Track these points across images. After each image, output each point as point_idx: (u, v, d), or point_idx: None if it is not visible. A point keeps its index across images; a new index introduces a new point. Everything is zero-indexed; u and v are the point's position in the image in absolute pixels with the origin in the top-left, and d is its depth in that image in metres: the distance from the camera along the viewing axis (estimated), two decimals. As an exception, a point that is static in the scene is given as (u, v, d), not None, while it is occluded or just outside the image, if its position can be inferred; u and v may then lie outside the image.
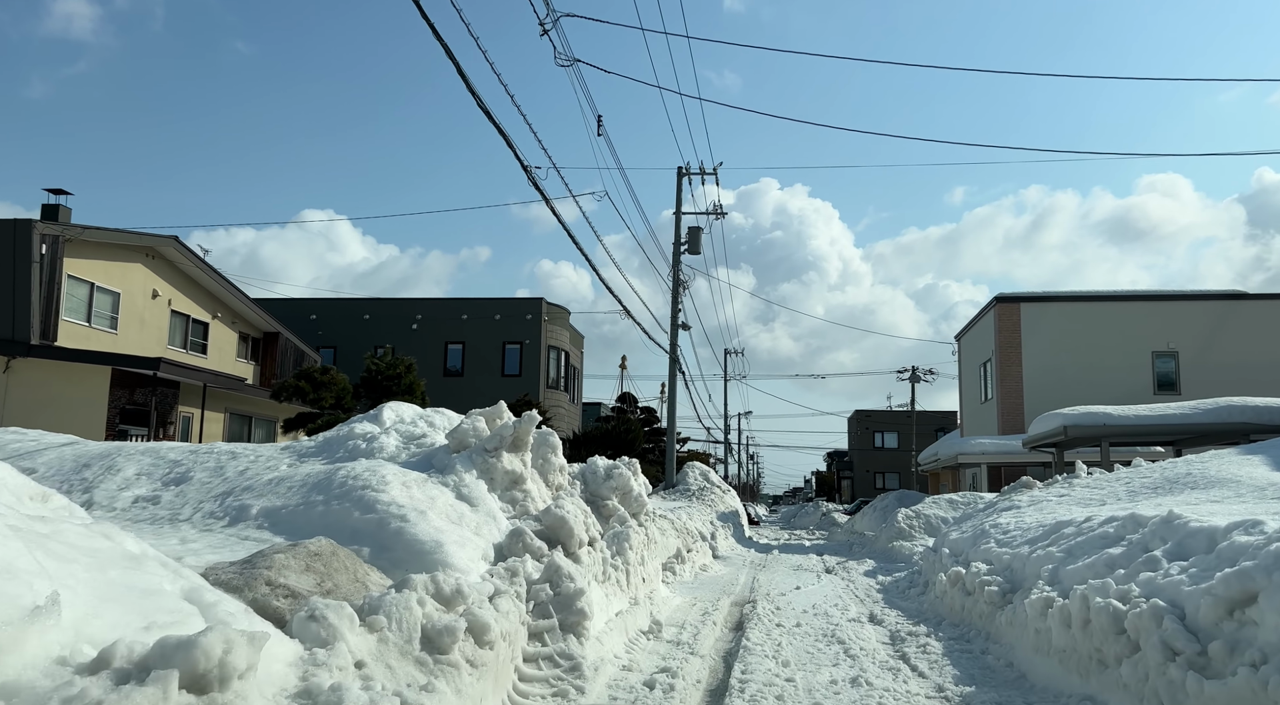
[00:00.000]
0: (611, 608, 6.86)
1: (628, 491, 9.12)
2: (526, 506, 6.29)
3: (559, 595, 5.22)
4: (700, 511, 21.26)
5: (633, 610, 7.30)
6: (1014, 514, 10.39)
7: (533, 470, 6.92)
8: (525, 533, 5.67)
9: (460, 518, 5.67)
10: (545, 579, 5.30)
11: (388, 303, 31.74)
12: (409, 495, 5.49)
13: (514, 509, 6.26)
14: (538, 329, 30.97)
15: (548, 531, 5.88)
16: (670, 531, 14.06)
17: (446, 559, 4.87)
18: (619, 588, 7.42)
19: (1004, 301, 25.63)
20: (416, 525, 5.06)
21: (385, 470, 5.75)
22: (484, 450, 6.36)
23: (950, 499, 19.58)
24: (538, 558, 5.55)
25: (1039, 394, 24.97)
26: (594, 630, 5.58)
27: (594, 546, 6.38)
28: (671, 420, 29.26)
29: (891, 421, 65.21)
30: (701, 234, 30.11)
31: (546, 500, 6.53)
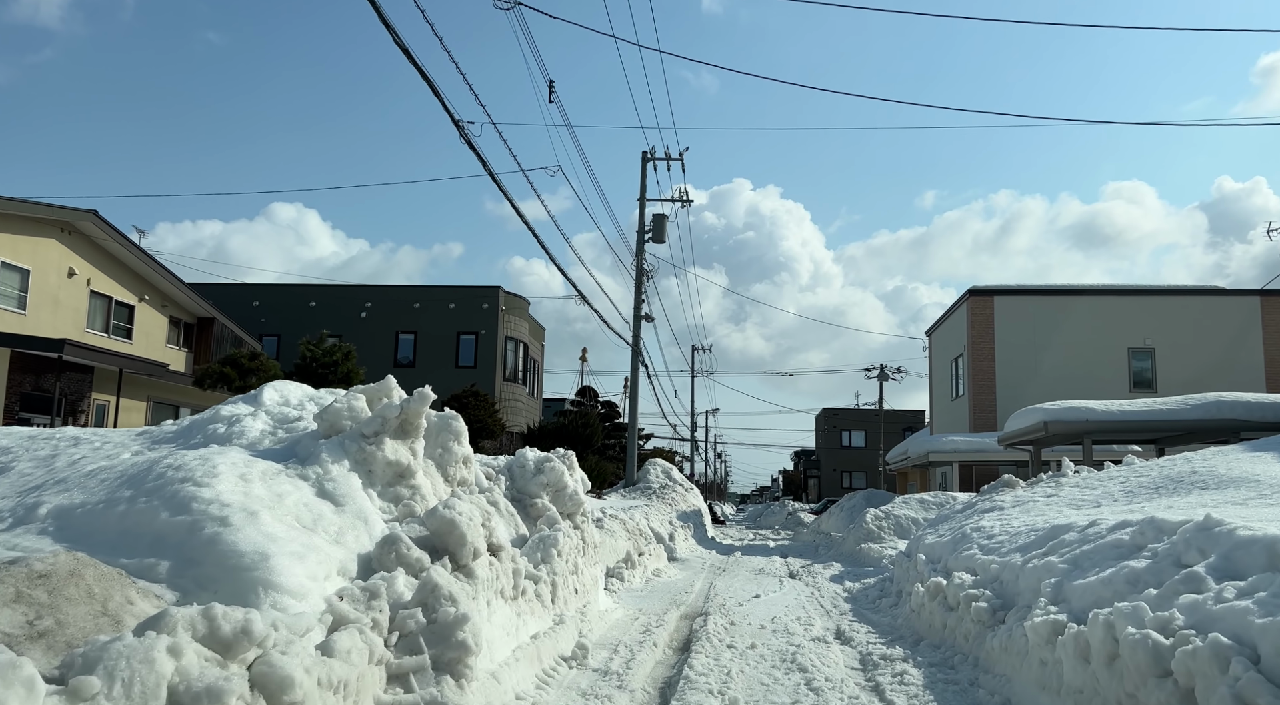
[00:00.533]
0: (525, 631, 5.61)
1: (561, 488, 7.88)
2: (414, 506, 5.02)
3: (434, 624, 3.97)
4: (659, 511, 20.08)
5: (555, 631, 6.06)
6: (998, 516, 9.29)
7: (428, 462, 5.65)
8: (400, 540, 4.40)
9: (316, 521, 4.38)
10: (418, 602, 4.04)
11: (336, 289, 30.21)
12: (244, 491, 4.20)
13: (397, 509, 4.99)
14: (494, 319, 29.60)
15: (434, 538, 4.62)
16: (620, 533, 12.84)
17: (272, 577, 3.60)
18: (540, 604, 6.17)
19: (977, 294, 24.74)
20: (239, 531, 3.77)
21: (221, 459, 4.45)
22: (361, 436, 5.09)
23: (921, 499, 18.56)
24: (415, 573, 4.28)
25: (1012, 390, 24.10)
26: (485, 666, 4.33)
27: (499, 556, 5.13)
28: (633, 415, 28.06)
29: (859, 420, 64.55)
30: (667, 222, 28.93)
31: (444, 498, 5.26)
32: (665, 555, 15.18)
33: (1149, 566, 4.86)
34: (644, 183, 29.08)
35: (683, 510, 23.79)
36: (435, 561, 4.51)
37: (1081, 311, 24.22)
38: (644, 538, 13.91)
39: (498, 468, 7.94)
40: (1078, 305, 24.29)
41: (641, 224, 28.79)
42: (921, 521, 17.98)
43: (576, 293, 18.53)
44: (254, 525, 3.85)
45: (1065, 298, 24.37)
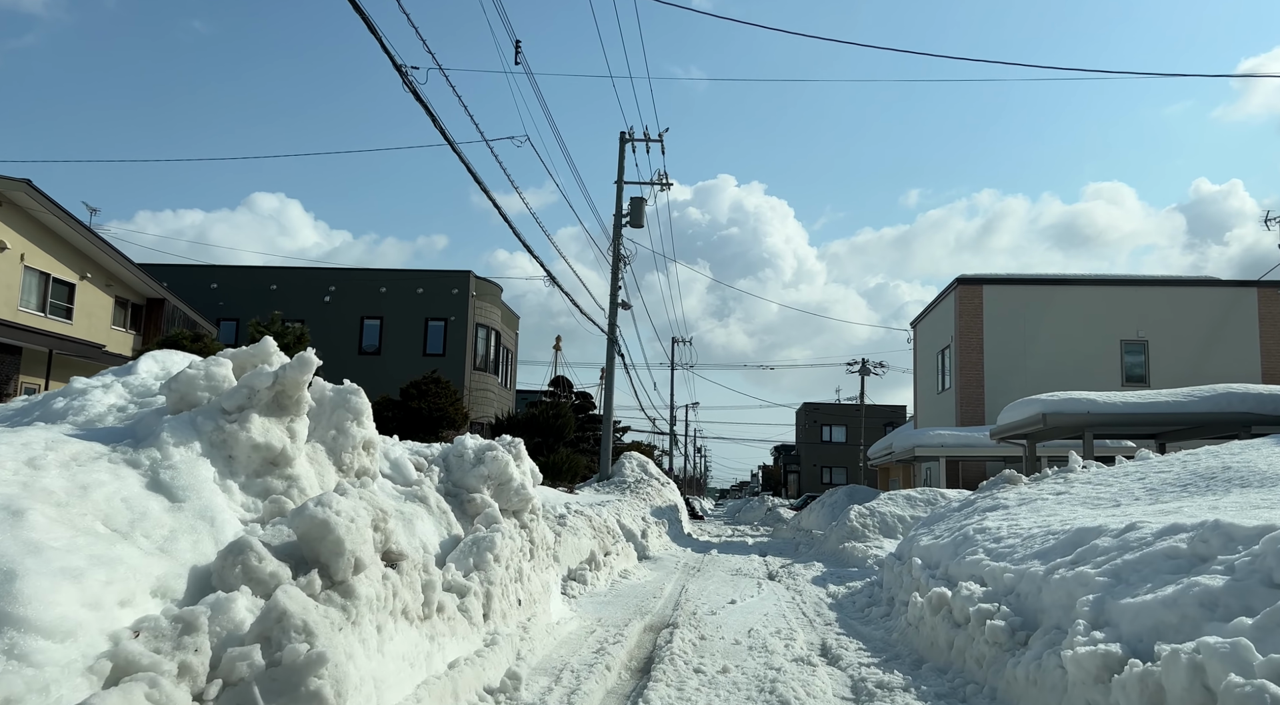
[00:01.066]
0: (441, 658, 4.48)
1: (505, 482, 6.75)
2: (287, 503, 3.89)
3: (276, 667, 2.84)
4: (632, 506, 19.00)
5: (484, 657, 4.93)
6: (1003, 516, 8.25)
7: (315, 446, 4.52)
8: (250, 549, 3.27)
9: (135, 522, 3.24)
10: (258, 636, 2.91)
11: (298, 272, 28.85)
12: (22, 482, 3.05)
13: (265, 507, 3.85)
14: (464, 304, 28.37)
15: (302, 545, 3.48)
16: (585, 531, 11.73)
17: (15, 606, 2.45)
18: (467, 622, 5.05)
19: (966, 283, 23.80)
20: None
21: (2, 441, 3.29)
22: (220, 412, 3.95)
23: (908, 495, 17.58)
24: (266, 593, 3.15)
25: (1000, 383, 23.19)
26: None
27: (399, 566, 4.00)
28: (608, 406, 26.93)
29: (840, 415, 63.78)
30: (645, 206, 27.80)
31: (332, 492, 4.12)
32: (635, 554, 14.09)
33: (1229, 586, 3.81)
34: (622, 165, 27.95)
35: (658, 505, 22.72)
36: (301, 576, 3.38)
37: (1073, 302, 23.35)
38: (611, 536, 12.81)
39: (430, 457, 6.80)
40: (1069, 296, 23.43)
41: (619, 207, 27.66)
42: (908, 519, 17.01)
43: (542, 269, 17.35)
44: (9, 530, 2.71)
45: (1056, 288, 23.50)
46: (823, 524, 25.39)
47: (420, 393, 16.77)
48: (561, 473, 21.74)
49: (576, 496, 21.21)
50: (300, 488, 4.02)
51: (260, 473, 3.96)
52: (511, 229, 15.10)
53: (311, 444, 4.46)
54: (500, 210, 14.67)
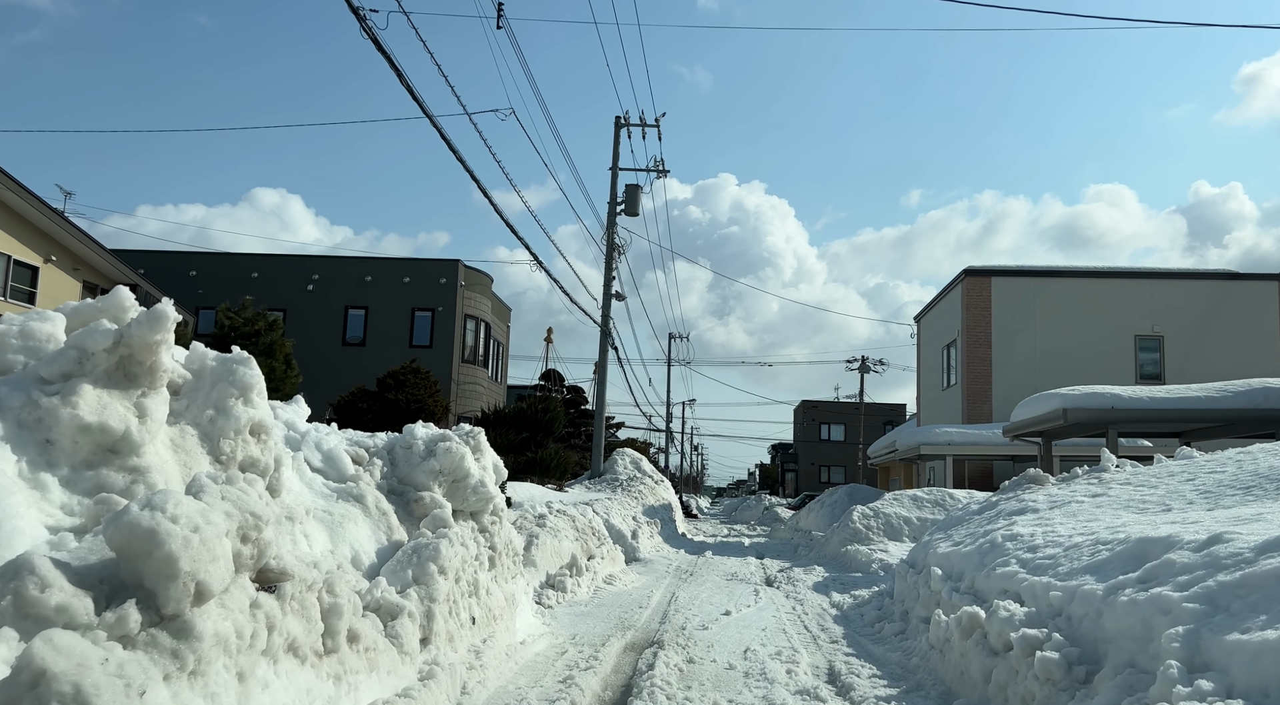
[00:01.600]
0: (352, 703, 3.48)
1: (461, 478, 5.75)
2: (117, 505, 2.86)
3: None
4: (623, 505, 18.01)
5: (413, 696, 3.93)
6: (1035, 521, 7.26)
7: (186, 430, 3.53)
8: (31, 570, 2.28)
9: None
10: None
11: (280, 260, 27.80)
12: None
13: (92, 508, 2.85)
14: (453, 294, 27.35)
15: (121, 564, 2.47)
16: (566, 533, 10.73)
17: None
18: (397, 650, 4.06)
19: (973, 275, 22.84)
20: None
21: None
22: (39, 382, 2.96)
23: (914, 496, 16.60)
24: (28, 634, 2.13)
25: (1009, 379, 22.22)
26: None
27: (278, 590, 2.99)
28: (600, 400, 25.96)
29: (838, 413, 62.81)
30: (640, 193, 26.80)
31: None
32: (623, 557, 13.11)
33: (1397, 625, 2.80)
34: (616, 150, 26.95)
35: (650, 504, 21.74)
36: (113, 609, 2.37)
37: (1084, 295, 22.39)
38: (596, 538, 11.81)
39: (373, 449, 5.79)
40: (1080, 289, 22.47)
41: (613, 194, 26.66)
42: (915, 521, 16.03)
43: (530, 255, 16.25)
44: None
45: (1067, 280, 22.54)
46: (823, 525, 24.41)
47: (398, 383, 15.77)
48: (550, 469, 20.75)
49: (566, 494, 20.23)
50: (150, 483, 3.04)
51: (92, 463, 2.97)
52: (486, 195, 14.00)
53: (180, 426, 3.48)
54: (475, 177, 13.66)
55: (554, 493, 19.70)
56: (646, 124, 27.02)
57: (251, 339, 16.63)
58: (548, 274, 16.94)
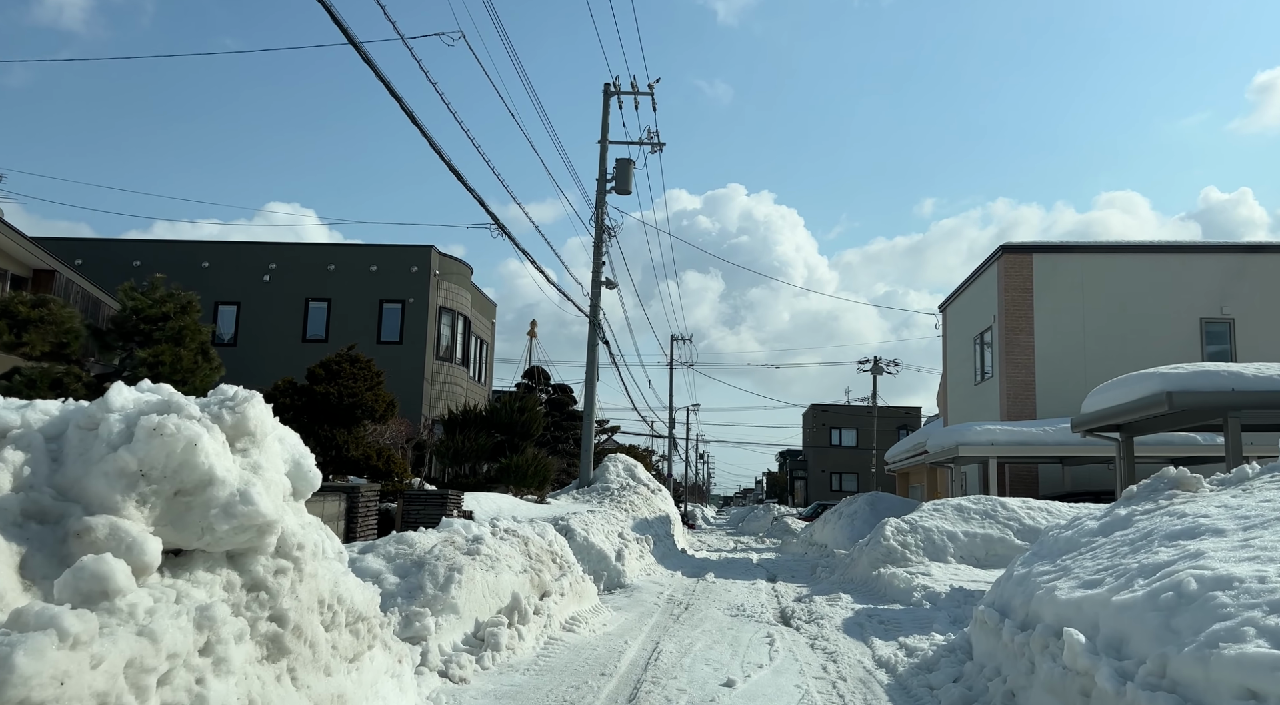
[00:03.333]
0: None
1: (193, 488, 2.87)
2: None
3: None
4: (607, 519, 15.15)
5: None
6: (1238, 550, 4.37)
7: None
8: None
9: None
10: None
11: (233, 248, 25.08)
12: None
13: None
14: (425, 284, 24.58)
15: None
16: (510, 564, 7.87)
17: None
18: None
19: (1012, 252, 19.99)
20: None
21: None
22: None
23: (958, 506, 13.71)
24: None
25: (1055, 369, 19.33)
26: None
27: None
28: (589, 400, 23.10)
29: (850, 417, 59.83)
30: (633, 169, 24.01)
31: None
32: (600, 587, 10.23)
33: None
34: (606, 121, 24.20)
35: (644, 517, 18.86)
36: None
37: (1140, 273, 19.53)
38: (557, 566, 8.95)
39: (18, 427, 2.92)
40: (1135, 266, 19.62)
41: (603, 170, 23.89)
42: (961, 537, 13.13)
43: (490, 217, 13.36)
44: None
45: (1122, 256, 19.69)
46: (843, 539, 21.49)
47: (330, 374, 12.96)
48: (527, 478, 17.90)
49: (545, 507, 17.39)
50: None
51: None
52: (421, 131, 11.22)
53: None
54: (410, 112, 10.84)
55: (532, 505, 16.87)
56: (639, 92, 24.27)
57: (156, 324, 13.79)
58: (510, 239, 14.04)
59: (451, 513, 12.94)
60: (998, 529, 13.15)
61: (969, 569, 12.56)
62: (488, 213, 13.27)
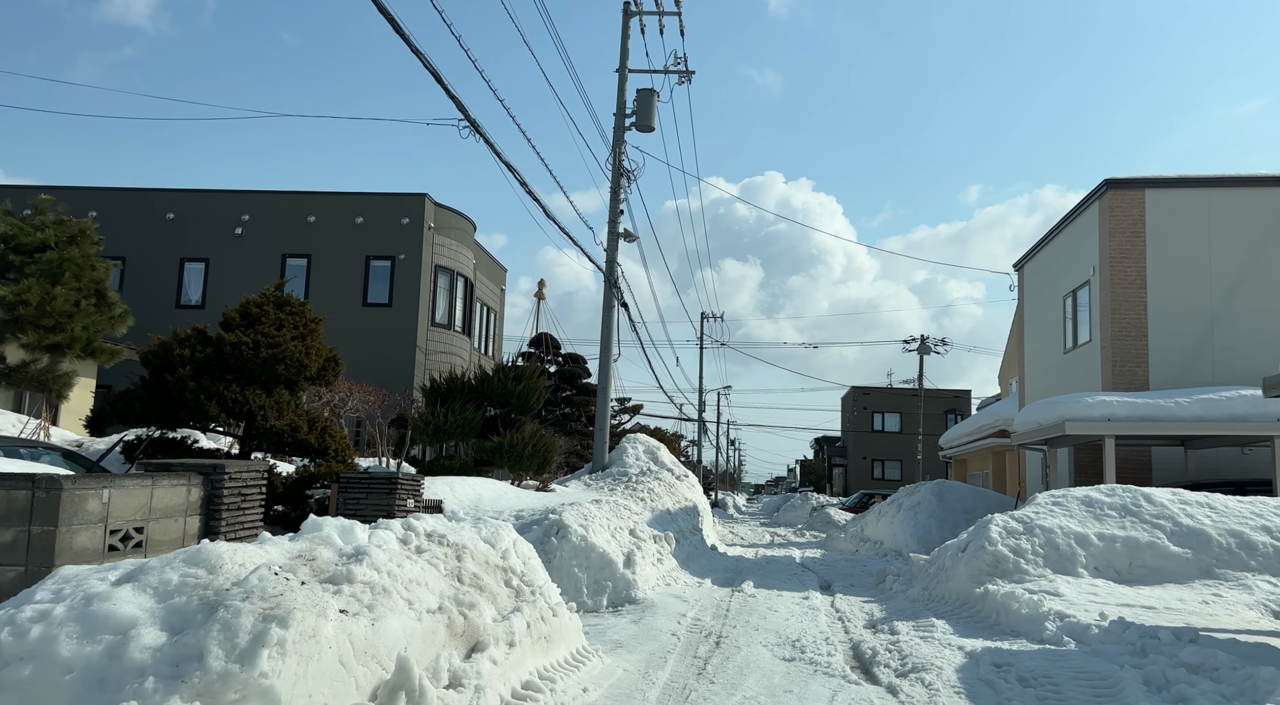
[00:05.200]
0: None
1: None
2: None
3: None
4: (616, 512, 11.84)
5: None
6: None
7: None
8: None
9: None
10: None
11: (202, 197, 22.07)
12: None
13: None
14: (418, 239, 21.41)
15: None
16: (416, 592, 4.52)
17: None
18: None
19: (1119, 187, 16.32)
20: None
21: None
22: None
23: (1086, 498, 10.20)
24: None
25: (1174, 330, 15.65)
26: None
27: None
28: (605, 370, 19.77)
29: (893, 401, 56.00)
30: (656, 102, 20.54)
31: None
32: (577, 622, 6.91)
33: None
34: (625, 46, 20.74)
35: (665, 509, 15.54)
36: None
37: (1279, 214, 15.77)
38: (510, 591, 5.64)
39: None
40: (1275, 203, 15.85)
41: (621, 104, 20.46)
42: (1095, 541, 9.62)
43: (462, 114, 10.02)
44: None
45: (1261, 191, 15.93)
46: (905, 537, 18.00)
47: (247, 320, 9.77)
48: (523, 459, 14.66)
49: (550, 495, 14.15)
50: None
51: None
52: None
53: None
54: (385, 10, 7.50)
55: (529, 494, 13.63)
56: (664, 11, 20.77)
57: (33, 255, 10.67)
58: (484, 139, 10.47)
59: (405, 503, 9.71)
60: (1143, 530, 9.63)
61: (1109, 585, 9.08)
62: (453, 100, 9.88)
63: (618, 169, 20.42)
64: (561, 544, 9.94)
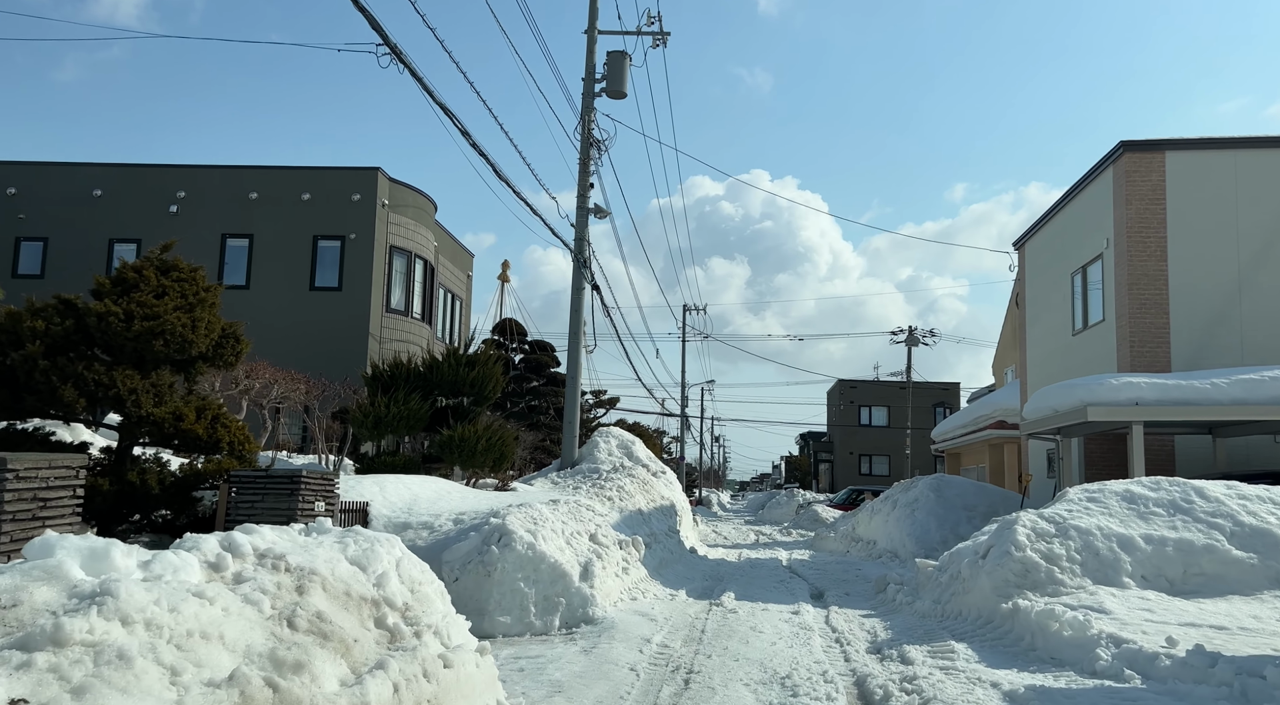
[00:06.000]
0: None
1: None
2: None
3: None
4: (576, 514, 10.15)
5: None
6: None
7: None
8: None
9: None
10: None
11: (132, 172, 20.20)
12: None
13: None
14: (369, 216, 19.68)
15: None
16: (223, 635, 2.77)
17: None
18: None
19: (1137, 150, 14.82)
20: None
21: None
22: None
23: (1127, 493, 8.64)
24: None
25: (1199, 306, 14.15)
26: None
27: None
28: (574, 357, 18.10)
29: (880, 395, 54.52)
30: (628, 65, 18.88)
31: None
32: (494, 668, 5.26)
33: None
34: (594, 3, 19.07)
35: (637, 509, 13.88)
36: None
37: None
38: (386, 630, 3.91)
39: None
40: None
41: (590, 68, 18.79)
42: (1141, 544, 8.06)
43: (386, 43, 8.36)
44: None
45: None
46: (903, 538, 16.43)
47: (123, 287, 8.02)
48: (476, 454, 12.97)
49: (510, 494, 12.49)
50: None
51: None
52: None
53: None
54: None
55: (482, 494, 11.97)
56: (635, -33, 19.00)
57: None
58: (414, 76, 8.60)
59: (311, 506, 8.00)
60: (1198, 531, 8.06)
61: (1162, 598, 7.51)
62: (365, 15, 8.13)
63: (586, 138, 18.75)
64: (504, 553, 8.28)
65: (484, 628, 8.14)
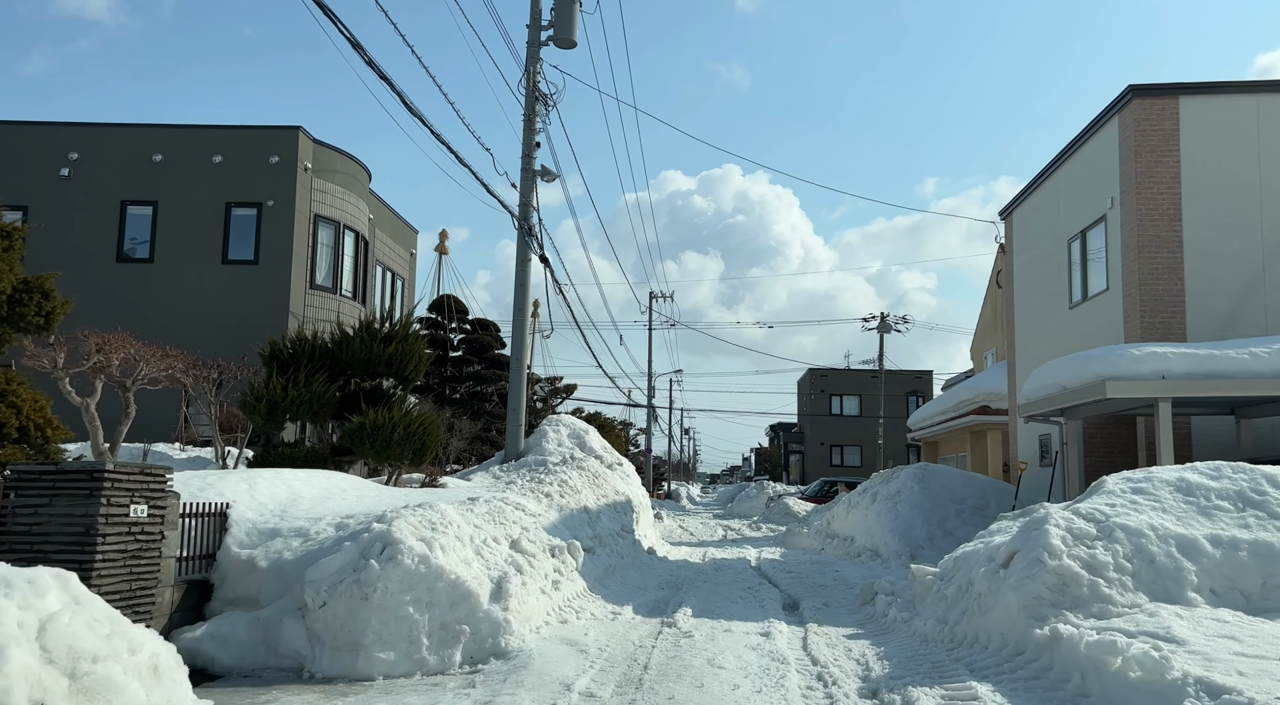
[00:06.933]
0: None
1: None
2: None
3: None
4: (497, 517, 8.22)
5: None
6: None
7: None
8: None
9: None
10: None
11: (18, 130, 17.89)
12: None
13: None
14: (290, 181, 17.54)
15: None
16: None
17: None
18: None
19: (1146, 95, 13.18)
20: None
21: None
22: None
23: (1181, 482, 6.87)
24: None
25: (1217, 271, 12.54)
26: None
27: None
28: (519, 336, 16.10)
29: (852, 383, 53.05)
30: (578, 10, 16.87)
31: None
32: None
33: None
34: (538, -59, 17.01)
35: (583, 507, 11.96)
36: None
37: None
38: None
39: None
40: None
41: (536, 13, 16.74)
42: (1206, 548, 6.27)
43: None
44: None
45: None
46: (885, 534, 14.66)
47: None
48: (392, 445, 10.96)
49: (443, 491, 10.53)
50: None
51: None
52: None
53: None
54: None
55: (396, 492, 10.01)
56: (585, -100, 17.05)
57: None
58: (326, 11, 6.86)
59: (125, 512, 5.98)
60: (1276, 530, 6.31)
61: (1243, 620, 5.75)
62: None
63: (531, 92, 16.71)
64: (387, 569, 6.32)
65: (358, 668, 6.18)
